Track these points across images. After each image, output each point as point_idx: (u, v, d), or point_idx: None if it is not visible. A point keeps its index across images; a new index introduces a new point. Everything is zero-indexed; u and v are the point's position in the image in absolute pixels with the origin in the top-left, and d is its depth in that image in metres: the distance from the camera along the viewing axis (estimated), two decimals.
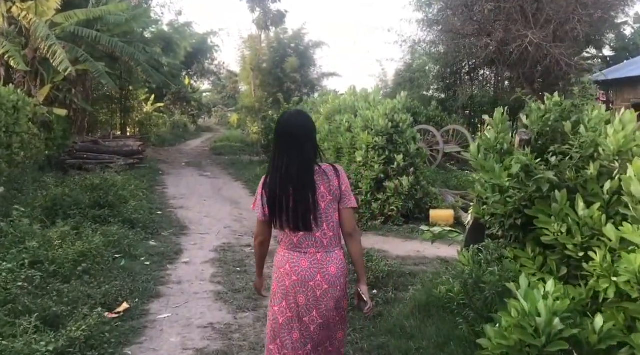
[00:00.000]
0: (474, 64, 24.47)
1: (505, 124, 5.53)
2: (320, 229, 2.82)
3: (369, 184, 9.90)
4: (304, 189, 2.78)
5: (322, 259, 2.84)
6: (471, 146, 4.95)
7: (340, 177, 2.93)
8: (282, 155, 2.81)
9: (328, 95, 14.53)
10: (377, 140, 9.82)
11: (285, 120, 2.93)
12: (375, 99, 10.72)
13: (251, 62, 33.72)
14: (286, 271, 2.85)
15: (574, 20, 17.00)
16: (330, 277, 2.84)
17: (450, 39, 21.61)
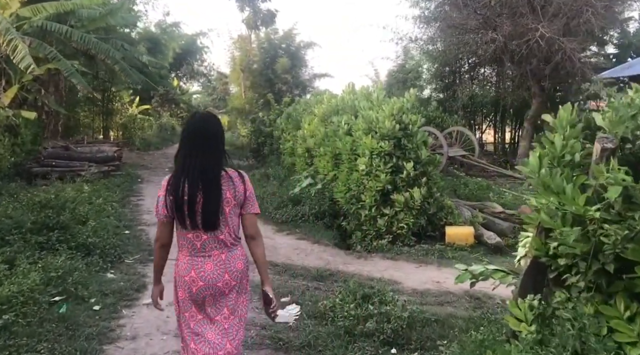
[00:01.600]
0: (474, 61, 22.93)
1: (577, 127, 3.95)
2: (224, 232, 2.84)
3: (373, 196, 8.25)
4: (211, 192, 2.77)
5: (227, 258, 2.88)
6: (530, 157, 3.72)
7: (246, 183, 2.94)
8: (190, 157, 2.79)
9: (323, 95, 12.88)
10: (383, 145, 8.18)
11: (194, 122, 2.91)
12: (379, 98, 9.08)
13: (241, 63, 32.22)
14: (192, 278, 2.84)
15: (587, 13, 15.44)
16: (237, 273, 2.93)
17: (449, 35, 20.10)
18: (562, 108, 4.03)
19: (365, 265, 7.54)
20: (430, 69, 23.31)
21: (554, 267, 3.74)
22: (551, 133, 4.05)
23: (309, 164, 11.54)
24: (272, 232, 9.18)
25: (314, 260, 7.66)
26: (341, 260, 7.77)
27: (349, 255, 8.07)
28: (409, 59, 28.46)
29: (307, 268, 7.13)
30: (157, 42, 29.43)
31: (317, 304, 5.56)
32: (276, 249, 8.16)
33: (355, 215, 8.68)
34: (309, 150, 11.52)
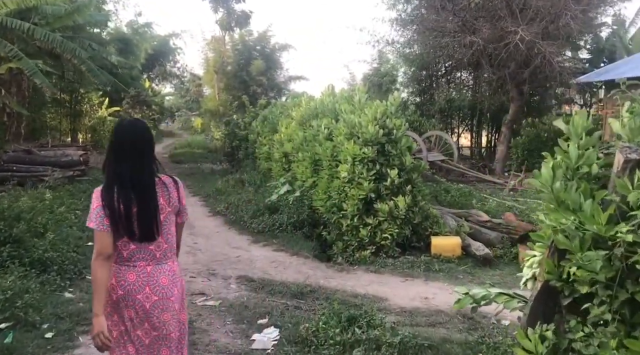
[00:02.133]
0: (451, 65, 22.71)
1: (594, 135, 3.47)
2: (155, 242, 2.72)
3: (355, 205, 7.73)
4: (145, 200, 2.67)
5: (152, 271, 2.73)
6: (543, 168, 3.23)
7: (180, 189, 2.86)
8: (122, 165, 2.68)
9: (301, 98, 12.31)
10: (366, 151, 7.67)
11: (123, 128, 2.79)
12: (361, 101, 8.57)
13: (215, 65, 31.60)
14: (112, 286, 2.70)
15: (566, 17, 15.24)
16: (160, 289, 2.74)
17: (426, 38, 19.79)
18: (577, 113, 3.57)
19: (348, 279, 7.01)
20: (408, 73, 22.99)
21: (568, 293, 3.28)
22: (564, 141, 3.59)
23: (287, 169, 10.98)
24: (247, 244, 8.59)
25: (293, 274, 7.11)
26: (322, 273, 7.22)
27: (330, 268, 7.53)
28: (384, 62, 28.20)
29: (286, 283, 6.57)
30: (128, 42, 28.53)
31: (298, 326, 5.01)
32: (252, 262, 7.58)
33: (336, 225, 8.16)
34: (287, 155, 10.96)
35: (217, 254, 8.06)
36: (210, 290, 6.37)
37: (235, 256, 7.92)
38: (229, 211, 10.58)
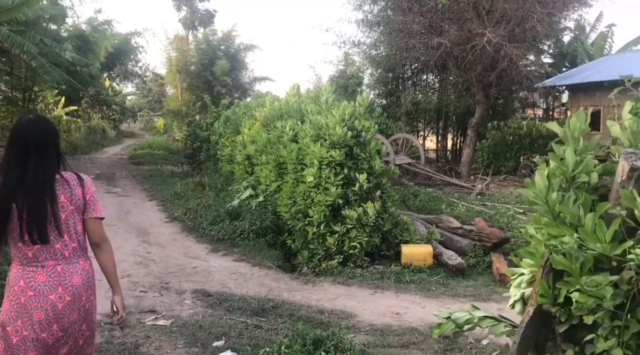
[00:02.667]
0: (417, 67, 22.49)
1: (593, 139, 3.01)
2: (60, 241, 2.61)
3: (322, 211, 7.20)
4: (41, 199, 2.56)
5: (62, 271, 2.62)
6: (537, 176, 2.82)
7: (85, 186, 2.70)
8: (18, 163, 2.57)
9: (265, 98, 11.72)
10: (334, 154, 7.15)
11: (22, 125, 2.67)
12: (328, 101, 8.05)
13: (178, 64, 30.76)
14: (21, 288, 2.58)
15: (533, 19, 15.09)
16: (73, 289, 2.63)
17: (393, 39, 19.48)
18: (575, 114, 3.15)
19: (313, 292, 6.47)
20: (374, 74, 22.64)
21: (565, 319, 2.86)
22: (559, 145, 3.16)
23: (250, 172, 10.37)
24: (206, 253, 7.94)
25: (254, 287, 6.52)
26: (286, 286, 6.66)
27: (294, 279, 6.97)
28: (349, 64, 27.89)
29: (246, 298, 5.98)
30: (87, 40, 27.46)
31: (258, 350, 4.44)
32: (210, 274, 6.96)
33: (301, 232, 7.61)
34: (250, 158, 10.36)
35: (172, 264, 7.39)
36: (162, 307, 5.73)
37: (192, 267, 7.28)
38: (187, 217, 9.90)
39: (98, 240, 2.76)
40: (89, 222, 2.72)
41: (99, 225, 2.76)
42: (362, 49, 22.32)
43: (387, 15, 20.20)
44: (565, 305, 2.75)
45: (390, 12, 19.94)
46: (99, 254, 2.79)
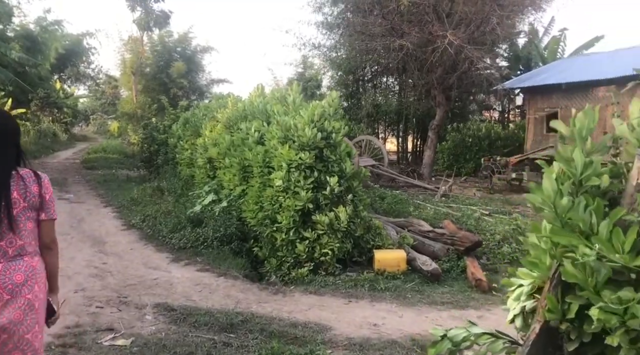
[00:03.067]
0: (377, 70, 22.38)
1: (605, 138, 2.70)
2: (6, 238, 2.53)
3: (291, 217, 6.80)
4: None
5: (3, 268, 2.53)
6: (544, 180, 2.57)
7: (43, 184, 2.64)
8: None
9: (227, 98, 11.21)
10: (303, 157, 6.76)
11: None
12: (295, 101, 7.66)
13: (132, 66, 29.73)
14: None
15: (492, 22, 15.13)
16: (13, 287, 2.54)
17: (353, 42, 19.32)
18: (583, 111, 2.87)
19: (284, 303, 6.06)
20: (335, 77, 22.39)
21: (576, 336, 2.58)
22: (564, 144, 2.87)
23: (211, 176, 9.86)
24: (167, 263, 7.40)
25: (221, 299, 6.05)
26: (255, 297, 6.22)
27: (263, 290, 6.53)
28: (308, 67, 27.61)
29: (212, 312, 5.51)
30: (35, 40, 26.12)
31: None
32: (173, 286, 6.44)
33: (269, 239, 7.19)
34: (212, 161, 9.85)
35: (131, 276, 6.83)
36: (121, 325, 5.20)
37: (153, 279, 6.74)
38: (145, 224, 9.30)
39: (50, 242, 2.71)
40: (44, 223, 2.66)
41: (53, 227, 2.72)
42: (323, 51, 22.10)
43: (347, 18, 20.00)
44: (575, 321, 2.47)
45: (350, 15, 19.74)
46: (48, 255, 2.74)
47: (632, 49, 16.29)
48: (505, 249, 7.34)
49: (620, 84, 14.35)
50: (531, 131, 17.76)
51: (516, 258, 7.20)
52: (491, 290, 6.37)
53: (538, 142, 17.39)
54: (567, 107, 16.23)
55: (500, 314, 5.86)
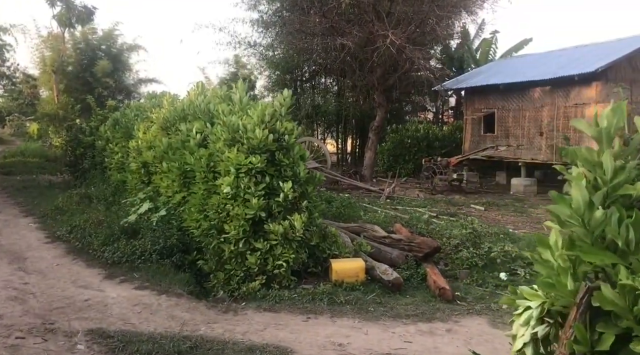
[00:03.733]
0: (314, 70, 21.98)
1: (637, 138, 2.21)
2: None
3: (241, 226, 6.19)
4: None
5: None
6: (573, 189, 2.15)
7: None
8: None
9: (162, 97, 10.36)
10: (253, 161, 6.17)
11: None
12: (242, 100, 7.04)
13: (53, 64, 27.76)
14: None
15: (432, 22, 15.07)
16: None
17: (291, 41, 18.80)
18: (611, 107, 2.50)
19: (236, 323, 5.44)
20: (272, 76, 21.78)
21: None
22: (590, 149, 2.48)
23: (146, 182, 9.05)
24: (99, 280, 6.57)
25: (164, 322, 5.36)
26: (202, 317, 5.56)
27: (211, 308, 5.88)
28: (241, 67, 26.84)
29: (156, 338, 4.82)
30: None
31: None
32: (107, 308, 5.67)
33: (215, 251, 6.54)
34: (146, 166, 9.03)
35: (58, 297, 5.98)
36: None
37: (84, 300, 5.92)
38: (73, 236, 8.36)
39: None
40: None
41: None
42: (259, 50, 21.42)
43: (284, 16, 19.48)
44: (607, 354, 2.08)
45: (287, 13, 19.22)
46: None
47: (564, 50, 16.76)
48: (464, 254, 7.06)
49: (554, 85, 14.67)
50: (469, 132, 17.93)
51: (475, 263, 6.94)
52: (455, 299, 6.05)
53: (476, 142, 17.57)
54: (504, 107, 16.47)
55: (469, 326, 5.54)
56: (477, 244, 7.38)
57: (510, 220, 11.06)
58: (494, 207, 12.57)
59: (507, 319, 5.52)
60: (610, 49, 14.45)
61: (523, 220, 11.08)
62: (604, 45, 15.31)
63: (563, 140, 3.08)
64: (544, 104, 15.13)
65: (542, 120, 15.21)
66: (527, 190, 15.53)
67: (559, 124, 14.69)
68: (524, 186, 15.60)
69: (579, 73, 13.38)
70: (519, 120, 15.93)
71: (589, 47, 15.88)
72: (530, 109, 15.56)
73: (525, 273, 6.77)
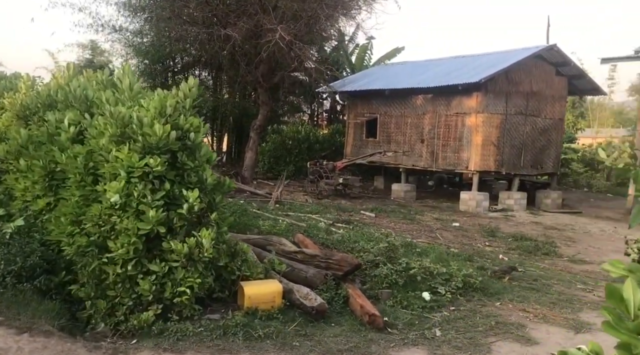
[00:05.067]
0: (188, 62, 20.46)
1: None
2: None
3: (132, 244, 4.93)
4: None
5: None
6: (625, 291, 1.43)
7: None
8: None
9: (18, 80, 8.40)
10: (151, 163, 4.94)
11: None
12: (133, 87, 5.70)
13: None
14: None
15: (321, 20, 14.50)
16: None
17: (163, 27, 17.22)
18: None
19: None
20: (140, 65, 19.78)
21: None
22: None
23: None
24: None
25: None
26: None
27: (93, 350, 4.55)
28: (98, 54, 24.37)
29: None
30: None
31: None
32: None
33: (94, 273, 5.18)
34: None
35: None
36: None
37: None
38: None
39: None
40: None
41: None
42: (125, 36, 19.36)
43: (156, 2, 17.78)
44: None
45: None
46: None
47: (442, 60, 17.15)
48: (382, 270, 6.41)
49: (436, 93, 14.85)
50: (351, 136, 17.69)
51: (395, 281, 6.33)
52: (386, 326, 5.36)
53: (358, 147, 17.37)
54: (387, 113, 16.43)
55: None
56: (392, 259, 6.80)
57: (404, 228, 10.79)
58: (383, 214, 12.28)
59: (445, 349, 4.95)
60: (489, 61, 14.98)
61: (416, 228, 10.87)
62: (481, 57, 15.87)
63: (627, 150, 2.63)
64: (426, 112, 15.29)
65: (423, 127, 15.36)
66: (407, 196, 15.62)
67: (440, 132, 14.92)
68: (404, 192, 15.67)
69: (463, 83, 13.63)
70: (401, 126, 15.98)
71: (466, 58, 16.40)
72: (413, 116, 15.66)
73: (446, 292, 6.31)
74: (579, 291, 6.97)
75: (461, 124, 14.42)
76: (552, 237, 11.02)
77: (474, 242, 9.98)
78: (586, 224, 13.15)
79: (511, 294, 6.51)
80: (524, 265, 8.17)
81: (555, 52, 14.75)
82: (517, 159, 14.89)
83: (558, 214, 14.83)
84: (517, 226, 12.24)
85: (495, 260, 8.50)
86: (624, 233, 12.16)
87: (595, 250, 9.99)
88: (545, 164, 15.67)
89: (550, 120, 15.48)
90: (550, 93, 15.29)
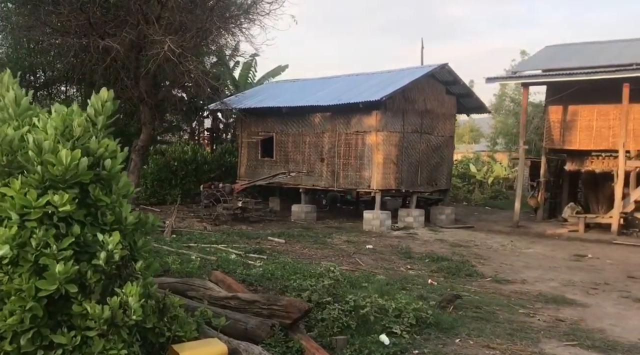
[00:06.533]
0: (52, 76, 18.23)
1: None
2: None
3: (28, 311, 3.64)
4: None
5: None
6: None
7: None
8: None
9: None
10: (55, 201, 3.71)
11: None
12: (21, 102, 4.35)
13: None
14: None
15: (214, 33, 13.49)
16: None
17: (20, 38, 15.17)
18: None
19: None
20: None
21: None
22: None
23: None
24: None
25: None
26: None
27: None
28: None
29: None
30: None
31: None
32: None
33: None
34: None
35: None
36: None
37: None
38: None
39: None
40: None
41: None
42: None
43: (9, 9, 15.66)
44: None
45: (12, 6, 15.46)
46: None
47: (338, 78, 16.87)
48: (331, 313, 5.59)
49: (335, 111, 14.47)
50: (245, 156, 16.72)
51: (347, 324, 5.55)
52: None
53: (253, 167, 16.44)
54: (283, 132, 15.74)
55: None
56: (337, 297, 6.02)
57: (320, 254, 10.07)
58: (292, 239, 11.48)
59: None
60: (384, 80, 14.95)
61: (333, 254, 10.21)
62: (376, 76, 15.83)
63: None
64: (325, 130, 14.84)
65: (323, 146, 14.88)
66: (308, 217, 15.00)
67: (340, 150, 14.53)
68: (305, 213, 15.04)
69: (364, 100, 13.37)
70: (299, 145, 15.36)
71: (360, 76, 16.27)
72: (311, 135, 15.13)
73: (402, 331, 5.65)
74: (522, 317, 6.71)
75: (362, 143, 14.14)
76: (462, 254, 10.97)
77: (395, 266, 9.55)
78: (485, 239, 13.42)
79: (464, 327, 6.03)
80: (456, 289, 7.82)
81: (447, 71, 15.11)
82: (415, 176, 14.95)
83: (454, 229, 15.09)
84: (425, 245, 12.10)
85: (426, 285, 8.08)
86: (520, 246, 12.58)
87: (508, 267, 10.04)
88: (439, 181, 15.94)
89: (442, 138, 15.81)
90: (441, 111, 15.62)
